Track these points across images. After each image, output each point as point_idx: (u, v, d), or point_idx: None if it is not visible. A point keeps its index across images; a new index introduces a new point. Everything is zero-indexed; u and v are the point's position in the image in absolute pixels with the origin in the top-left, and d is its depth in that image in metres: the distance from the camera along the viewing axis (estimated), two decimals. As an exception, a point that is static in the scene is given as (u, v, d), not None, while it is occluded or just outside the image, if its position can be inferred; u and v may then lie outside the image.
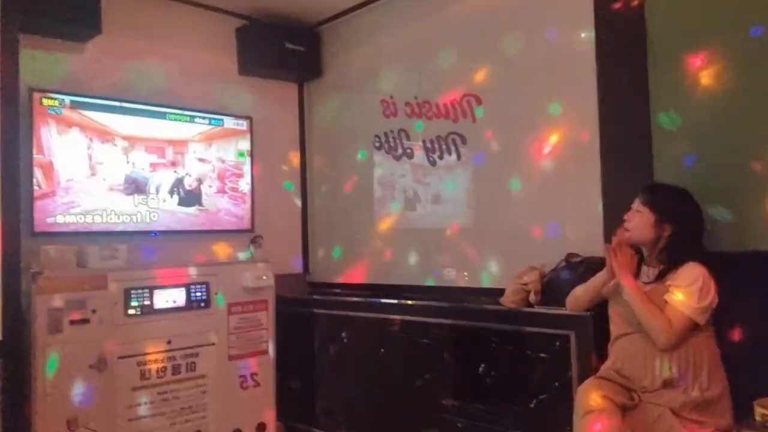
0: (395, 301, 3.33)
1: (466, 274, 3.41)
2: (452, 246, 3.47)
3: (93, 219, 3.29)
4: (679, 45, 2.57)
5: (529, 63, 3.11)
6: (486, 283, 3.28)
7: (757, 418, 2.09)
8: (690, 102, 2.53)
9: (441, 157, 3.53)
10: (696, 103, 2.52)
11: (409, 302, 3.26)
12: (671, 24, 2.61)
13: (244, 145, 3.91)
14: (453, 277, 3.47)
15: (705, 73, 2.48)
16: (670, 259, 2.22)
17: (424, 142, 3.61)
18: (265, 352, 3.54)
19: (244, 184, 3.91)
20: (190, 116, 3.68)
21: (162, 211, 3.56)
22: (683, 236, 2.20)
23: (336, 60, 4.19)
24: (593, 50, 2.83)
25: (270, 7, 3.92)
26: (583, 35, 2.90)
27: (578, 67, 2.90)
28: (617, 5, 2.73)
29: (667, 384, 2.13)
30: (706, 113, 2.49)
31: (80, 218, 3.26)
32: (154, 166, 3.55)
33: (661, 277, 2.23)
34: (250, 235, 3.84)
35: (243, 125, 3.92)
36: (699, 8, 2.53)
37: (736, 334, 2.26)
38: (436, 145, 3.55)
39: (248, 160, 3.93)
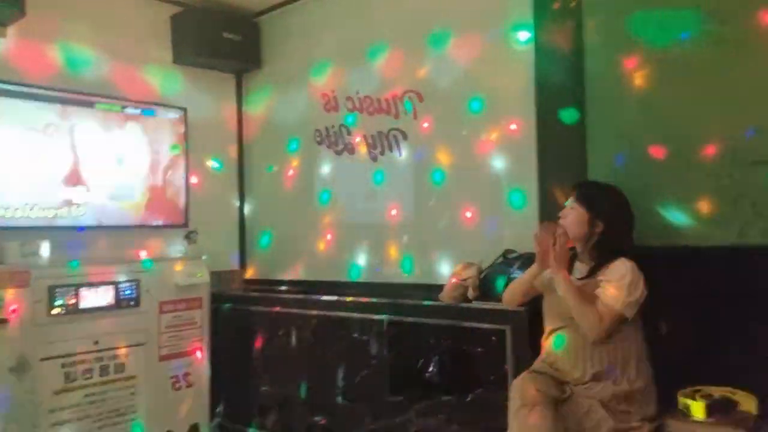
0: (334, 298, 3.30)
1: (405, 270, 3.41)
2: (393, 242, 3.46)
3: (13, 213, 3.11)
4: (615, 46, 2.64)
5: (469, 60, 3.13)
6: (425, 278, 3.28)
7: (681, 407, 2.18)
8: (623, 102, 2.61)
9: (382, 153, 3.51)
10: (628, 103, 2.60)
11: (348, 299, 3.24)
12: (607, 26, 2.68)
13: (179, 137, 3.77)
14: (393, 272, 3.46)
15: (638, 74, 2.56)
16: (602, 255, 2.28)
17: (365, 137, 3.59)
18: (199, 351, 3.44)
19: (179, 178, 3.78)
20: (120, 106, 3.52)
21: (91, 205, 3.38)
22: (614, 233, 2.27)
23: (276, 51, 4.11)
24: (532, 49, 2.88)
25: (207, -6, 3.81)
26: (522, 34, 2.93)
27: (517, 65, 2.93)
28: (556, 5, 2.79)
29: (597, 377, 2.19)
30: (637, 113, 2.57)
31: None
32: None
33: (593, 272, 2.29)
34: (184, 230, 3.72)
35: (177, 116, 3.78)
36: (633, 11, 2.60)
37: (662, 328, 2.34)
38: (378, 141, 3.53)
39: (183, 152, 3.79)
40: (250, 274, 4.22)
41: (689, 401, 2.16)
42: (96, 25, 3.53)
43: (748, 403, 2.14)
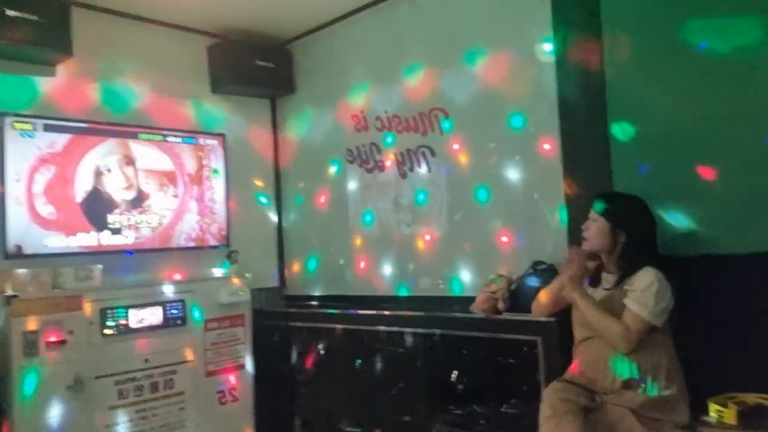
0: (370, 312, 3.39)
1: (440, 283, 3.48)
2: (425, 256, 3.54)
3: (67, 241, 3.31)
4: (635, 58, 2.67)
5: (492, 76, 3.20)
6: (457, 291, 3.35)
7: (712, 414, 2.19)
8: (644, 113, 2.64)
9: (411, 170, 3.61)
10: (649, 114, 2.62)
11: (385, 312, 3.33)
12: (625, 36, 2.71)
13: (219, 162, 3.96)
14: (427, 286, 3.54)
15: (659, 85, 2.59)
16: (627, 265, 2.31)
17: (395, 154, 3.69)
18: (243, 366, 3.58)
19: (220, 201, 3.95)
20: (162, 135, 3.72)
21: (139, 229, 3.57)
22: (637, 243, 2.30)
23: (307, 76, 4.26)
24: (553, 64, 2.93)
25: (240, 25, 3.99)
26: (543, 49, 2.99)
27: (540, 81, 2.99)
28: (576, 19, 2.84)
29: (628, 385, 2.22)
30: (658, 124, 2.59)
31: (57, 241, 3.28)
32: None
33: (619, 282, 2.32)
34: (226, 250, 3.89)
35: (216, 142, 3.96)
36: (651, 21, 2.63)
37: (692, 336, 2.35)
38: (407, 158, 3.63)
39: (223, 176, 3.97)
40: (289, 290, 4.37)
41: (721, 408, 2.17)
42: (138, 60, 3.75)
43: (781, 410, 2.13)
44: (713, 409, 2.18)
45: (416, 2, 3.58)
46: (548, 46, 2.96)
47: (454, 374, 2.87)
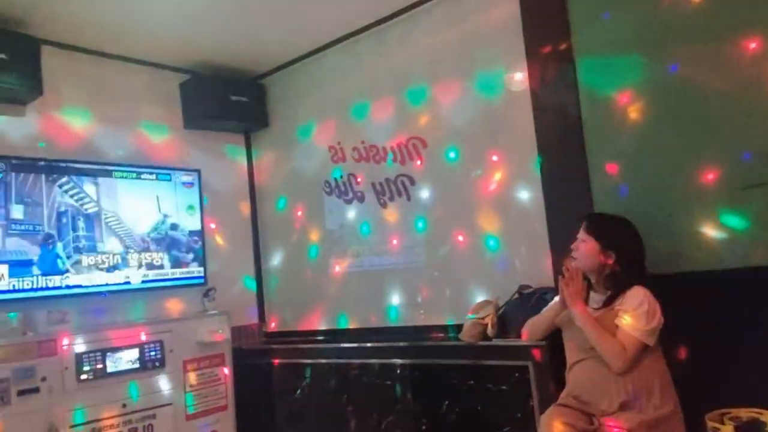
0: (354, 345, 3.33)
1: (422, 312, 3.45)
2: (408, 285, 3.51)
3: (36, 282, 3.18)
4: (608, 84, 2.74)
5: (470, 104, 3.24)
6: (444, 320, 3.32)
7: (709, 431, 2.18)
8: (621, 135, 2.69)
9: (391, 199, 3.60)
10: (626, 136, 2.68)
11: (368, 344, 3.27)
12: (598, 64, 2.78)
13: (194, 198, 3.89)
14: (411, 316, 3.50)
15: (632, 108, 2.65)
16: (616, 285, 2.32)
17: (373, 185, 3.68)
18: (225, 407, 3.47)
19: (196, 237, 3.86)
20: (136, 173, 3.63)
21: (113, 268, 3.46)
22: (626, 262, 2.31)
23: (282, 109, 4.26)
24: (529, 92, 2.98)
25: (212, 60, 3.98)
26: (517, 77, 3.05)
27: (517, 109, 3.03)
28: (546, 49, 2.90)
29: (624, 406, 2.20)
30: (635, 145, 2.65)
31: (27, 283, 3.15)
32: (101, 224, 3.47)
33: (609, 302, 2.32)
34: (203, 288, 3.79)
35: (191, 178, 3.90)
36: (622, 48, 2.71)
37: (683, 352, 2.36)
38: (386, 188, 3.63)
39: (198, 212, 3.89)
40: (270, 327, 4.27)
41: (717, 425, 2.16)
42: (110, 98, 3.70)
43: (776, 423, 2.14)
44: (710, 426, 2.18)
45: (381, 36, 3.63)
46: (523, 74, 3.02)
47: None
